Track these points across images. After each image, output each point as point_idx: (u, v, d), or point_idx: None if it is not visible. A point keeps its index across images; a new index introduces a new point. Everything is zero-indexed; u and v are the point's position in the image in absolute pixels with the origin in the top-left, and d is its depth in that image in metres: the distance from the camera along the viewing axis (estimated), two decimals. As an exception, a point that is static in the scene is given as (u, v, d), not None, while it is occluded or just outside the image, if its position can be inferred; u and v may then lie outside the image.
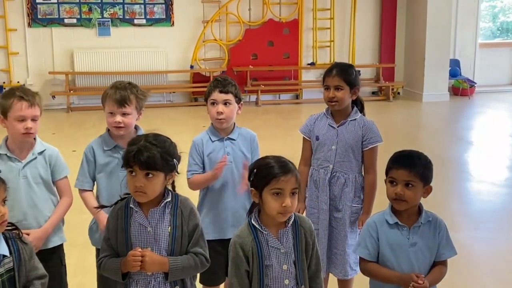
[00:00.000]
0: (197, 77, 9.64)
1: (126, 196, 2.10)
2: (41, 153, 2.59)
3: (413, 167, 2.11)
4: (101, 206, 2.27)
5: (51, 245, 2.64)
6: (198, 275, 2.38)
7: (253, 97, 9.95)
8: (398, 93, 10.59)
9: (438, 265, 2.18)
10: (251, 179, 2.01)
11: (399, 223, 2.15)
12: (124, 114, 2.57)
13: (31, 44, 9.17)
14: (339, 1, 10.13)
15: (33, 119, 2.52)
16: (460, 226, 4.47)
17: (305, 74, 10.29)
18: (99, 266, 2.09)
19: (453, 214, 4.75)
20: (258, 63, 9.87)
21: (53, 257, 2.66)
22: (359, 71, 10.09)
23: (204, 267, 2.09)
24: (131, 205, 2.06)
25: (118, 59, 9.39)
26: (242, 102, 2.78)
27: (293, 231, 2.03)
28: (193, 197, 2.68)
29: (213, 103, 2.70)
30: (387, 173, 2.16)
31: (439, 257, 2.18)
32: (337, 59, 10.22)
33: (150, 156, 1.97)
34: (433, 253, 2.17)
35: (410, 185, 2.11)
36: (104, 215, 2.48)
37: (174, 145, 2.10)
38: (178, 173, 2.12)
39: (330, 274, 2.96)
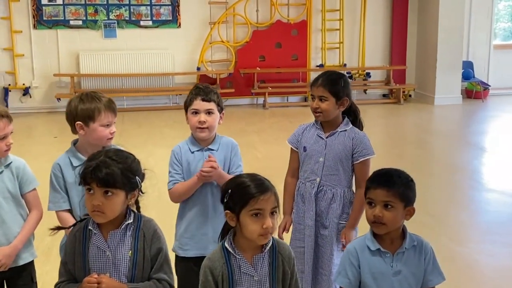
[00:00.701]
0: (204, 79, 9.50)
1: (86, 217, 1.96)
2: (7, 166, 2.45)
3: (391, 186, 1.94)
4: (58, 228, 2.13)
5: (22, 262, 2.51)
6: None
7: (260, 100, 9.79)
8: (409, 95, 10.33)
9: (425, 294, 2.01)
10: (226, 200, 1.86)
11: (382, 249, 1.97)
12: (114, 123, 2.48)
13: (36, 46, 9.10)
14: (349, 2, 9.92)
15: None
16: (464, 238, 4.27)
17: (314, 76, 10.03)
18: (55, 294, 1.95)
19: (458, 224, 4.54)
20: (265, 65, 9.71)
21: (24, 275, 2.53)
22: (368, 73, 10.10)
23: (168, 294, 1.94)
24: (90, 227, 1.92)
25: (124, 61, 9.30)
26: (223, 112, 2.64)
27: (270, 258, 1.88)
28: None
29: (194, 113, 2.56)
30: (365, 194, 1.99)
31: (425, 284, 2.00)
32: (347, 61, 10.03)
33: (109, 172, 1.84)
34: (419, 280, 1.99)
35: (389, 206, 1.93)
36: None
37: (138, 161, 1.96)
38: (142, 192, 1.97)
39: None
